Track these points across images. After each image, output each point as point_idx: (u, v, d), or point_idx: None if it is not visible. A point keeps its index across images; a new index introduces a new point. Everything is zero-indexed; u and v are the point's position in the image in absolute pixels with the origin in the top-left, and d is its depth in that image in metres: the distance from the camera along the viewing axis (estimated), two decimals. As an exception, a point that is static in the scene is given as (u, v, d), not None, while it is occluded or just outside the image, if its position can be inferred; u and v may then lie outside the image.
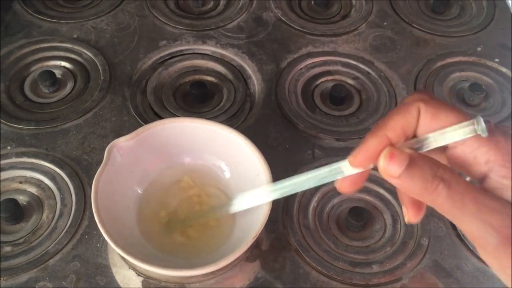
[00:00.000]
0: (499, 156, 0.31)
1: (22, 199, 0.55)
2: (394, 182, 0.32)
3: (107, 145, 0.49)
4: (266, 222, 0.46)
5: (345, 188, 0.37)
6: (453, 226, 0.55)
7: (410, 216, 0.36)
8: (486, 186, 0.32)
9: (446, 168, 0.31)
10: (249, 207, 0.46)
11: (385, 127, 0.33)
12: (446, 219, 0.55)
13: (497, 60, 0.70)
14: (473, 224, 0.30)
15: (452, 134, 0.32)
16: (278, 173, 0.47)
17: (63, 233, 0.52)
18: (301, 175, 0.39)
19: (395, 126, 0.33)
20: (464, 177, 0.32)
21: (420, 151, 0.33)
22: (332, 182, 0.56)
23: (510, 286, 0.31)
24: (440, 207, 0.31)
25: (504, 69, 0.70)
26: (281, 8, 0.75)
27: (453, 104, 0.33)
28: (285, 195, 0.41)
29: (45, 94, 0.64)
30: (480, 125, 0.31)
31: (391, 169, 0.32)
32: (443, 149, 0.34)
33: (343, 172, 0.36)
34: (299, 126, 0.62)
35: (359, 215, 0.53)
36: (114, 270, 0.50)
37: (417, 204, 0.35)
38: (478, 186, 0.32)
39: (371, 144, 0.34)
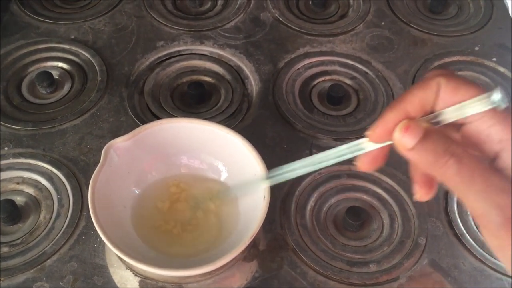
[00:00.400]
0: None
1: (19, 199, 0.55)
2: (407, 154, 0.33)
3: (104, 146, 0.49)
4: (264, 222, 0.46)
5: (366, 165, 0.37)
6: (451, 225, 0.55)
7: (422, 193, 0.36)
8: (497, 165, 0.32)
9: (459, 144, 0.32)
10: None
11: (404, 101, 0.34)
12: (444, 218, 0.55)
13: (494, 59, 0.70)
14: (479, 202, 0.30)
15: (470, 107, 0.32)
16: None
17: (60, 233, 0.52)
18: (319, 154, 0.39)
19: (414, 100, 0.34)
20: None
21: (438, 125, 0.33)
22: (329, 182, 0.56)
23: (507, 265, 0.31)
24: (449, 182, 0.32)
25: (502, 69, 0.70)
26: (279, 8, 0.75)
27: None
28: (302, 174, 0.41)
29: (43, 95, 0.64)
30: (497, 96, 0.31)
31: (405, 141, 0.33)
32: (459, 126, 0.34)
33: (363, 149, 0.36)
34: (296, 126, 0.62)
35: (356, 214, 0.53)
36: (111, 270, 0.50)
37: (429, 182, 0.36)
38: (489, 164, 0.32)
39: (390, 118, 0.34)
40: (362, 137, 0.36)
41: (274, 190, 0.48)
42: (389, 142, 0.35)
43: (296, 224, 0.54)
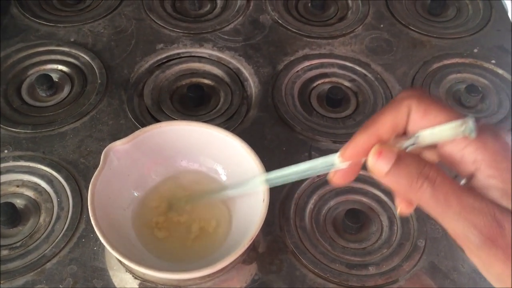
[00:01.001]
0: (486, 156, 0.32)
1: (19, 202, 0.55)
2: (382, 179, 0.33)
3: (104, 149, 0.49)
4: (263, 225, 0.46)
5: (336, 180, 0.38)
6: (450, 228, 0.55)
7: (402, 207, 0.36)
8: (473, 184, 0.32)
9: (432, 166, 0.32)
10: (242, 193, 0.47)
11: (376, 123, 0.34)
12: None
13: (493, 61, 0.71)
14: (457, 223, 0.30)
15: (440, 134, 0.32)
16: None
17: (60, 236, 0.52)
18: (295, 166, 0.40)
19: (385, 123, 0.34)
20: (458, 179, 0.32)
21: (409, 148, 0.34)
22: (328, 184, 0.56)
23: (494, 284, 0.31)
24: (426, 205, 0.32)
25: (500, 71, 0.70)
26: (278, 10, 0.75)
27: (445, 103, 0.33)
28: (277, 184, 0.42)
29: (42, 97, 0.64)
30: (469, 127, 0.31)
31: (379, 166, 0.32)
32: (435, 146, 0.34)
33: (335, 165, 0.37)
34: (295, 129, 0.62)
35: (355, 217, 0.54)
36: (111, 273, 0.50)
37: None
38: (464, 185, 0.32)
39: (360, 140, 0.34)
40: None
41: (273, 192, 0.48)
42: (361, 161, 0.35)
43: (295, 226, 0.54)
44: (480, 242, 0.30)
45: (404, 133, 0.34)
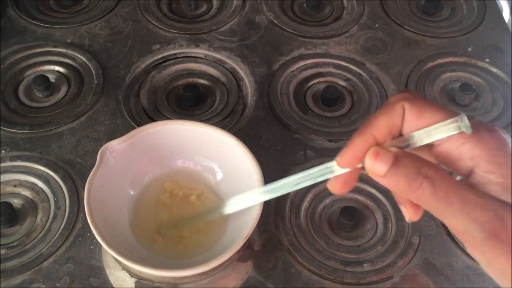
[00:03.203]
0: (483, 152, 0.32)
1: (16, 202, 0.55)
2: (380, 180, 0.33)
3: (100, 148, 0.50)
4: (258, 223, 0.47)
5: (336, 189, 0.37)
6: (444, 225, 0.55)
7: (411, 214, 0.36)
8: (472, 181, 0.32)
9: (431, 165, 0.32)
10: (241, 208, 0.46)
11: (371, 127, 0.34)
12: (437, 218, 0.55)
13: (487, 60, 0.71)
14: (459, 220, 0.31)
15: (436, 132, 0.33)
16: (270, 174, 0.48)
17: (57, 235, 0.52)
18: (292, 176, 0.40)
19: (381, 126, 0.34)
20: (454, 176, 0.33)
21: (406, 149, 0.34)
22: (324, 182, 0.56)
23: (497, 280, 0.31)
24: (426, 204, 0.32)
25: (494, 69, 0.70)
26: (274, 11, 0.76)
27: (437, 103, 0.33)
28: (276, 195, 0.42)
29: (39, 98, 0.65)
30: (464, 122, 0.32)
31: (377, 168, 0.33)
32: (430, 146, 0.34)
33: (333, 172, 0.36)
34: (291, 128, 0.63)
35: (350, 214, 0.54)
36: (107, 271, 0.51)
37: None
38: (463, 182, 0.32)
39: (357, 144, 0.34)
40: (334, 159, 0.36)
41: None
42: (358, 166, 0.35)
43: (290, 224, 0.54)
44: (484, 237, 0.30)
45: (400, 135, 0.34)
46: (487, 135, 0.32)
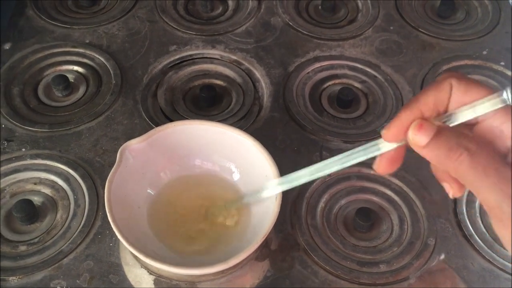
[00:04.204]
0: None
1: (36, 199, 0.56)
2: (421, 152, 0.34)
3: (119, 148, 0.51)
4: (275, 222, 0.47)
5: (383, 168, 0.38)
6: (460, 227, 0.55)
7: (455, 190, 0.37)
8: (510, 160, 0.33)
9: (471, 138, 0.33)
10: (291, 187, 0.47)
11: (418, 102, 0.35)
12: (453, 220, 0.56)
13: (502, 63, 0.71)
14: (491, 194, 0.31)
15: (481, 107, 0.33)
16: (286, 175, 0.48)
17: (76, 233, 0.53)
18: (335, 157, 0.41)
19: (428, 101, 0.35)
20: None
21: (450, 125, 0.35)
22: (339, 183, 0.56)
23: None
24: (462, 176, 0.33)
25: (509, 72, 0.70)
26: (289, 13, 0.77)
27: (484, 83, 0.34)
28: (320, 176, 0.43)
29: (58, 97, 0.66)
30: (509, 95, 0.32)
31: (419, 139, 0.34)
32: (472, 125, 0.35)
33: (380, 149, 0.37)
34: (307, 129, 0.63)
35: (366, 215, 0.54)
36: (126, 269, 0.51)
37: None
38: (501, 158, 0.33)
39: (403, 117, 0.35)
40: (375, 139, 0.37)
41: (285, 191, 0.48)
42: (403, 142, 0.36)
43: (307, 224, 0.55)
44: None
45: (445, 112, 0.35)
46: None
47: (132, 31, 0.73)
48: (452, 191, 0.37)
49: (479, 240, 0.54)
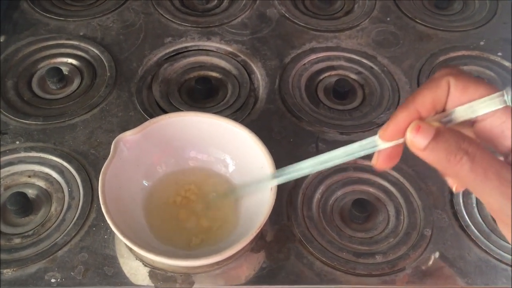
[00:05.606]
0: None
1: (31, 192, 0.56)
2: (420, 154, 0.33)
3: (113, 140, 0.50)
4: (271, 214, 0.47)
5: (381, 164, 0.37)
6: (456, 217, 0.55)
7: (458, 186, 0.36)
8: (511, 160, 0.33)
9: (471, 141, 0.32)
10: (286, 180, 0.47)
11: (415, 101, 0.34)
12: (449, 210, 0.56)
13: (499, 54, 0.71)
14: (494, 197, 0.31)
15: (481, 107, 0.33)
16: (282, 166, 0.48)
17: (71, 225, 0.53)
18: (331, 152, 0.40)
19: (425, 100, 0.34)
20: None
21: (449, 124, 0.34)
22: (336, 174, 0.56)
23: None
24: (463, 180, 0.32)
25: (506, 63, 0.70)
26: (285, 4, 0.76)
27: (482, 79, 0.33)
28: (314, 172, 0.43)
29: (53, 90, 0.65)
30: (509, 96, 0.32)
31: (417, 141, 0.33)
32: (472, 124, 0.34)
33: (377, 146, 0.37)
34: (303, 120, 0.63)
35: (362, 206, 0.54)
36: (121, 261, 0.51)
37: None
38: (502, 160, 0.32)
39: (400, 118, 0.34)
40: (371, 130, 0.36)
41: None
42: (401, 140, 0.35)
43: (303, 216, 0.54)
44: None
45: (443, 111, 0.34)
46: None
47: (127, 23, 0.73)
48: (454, 188, 0.36)
49: (475, 231, 0.54)
